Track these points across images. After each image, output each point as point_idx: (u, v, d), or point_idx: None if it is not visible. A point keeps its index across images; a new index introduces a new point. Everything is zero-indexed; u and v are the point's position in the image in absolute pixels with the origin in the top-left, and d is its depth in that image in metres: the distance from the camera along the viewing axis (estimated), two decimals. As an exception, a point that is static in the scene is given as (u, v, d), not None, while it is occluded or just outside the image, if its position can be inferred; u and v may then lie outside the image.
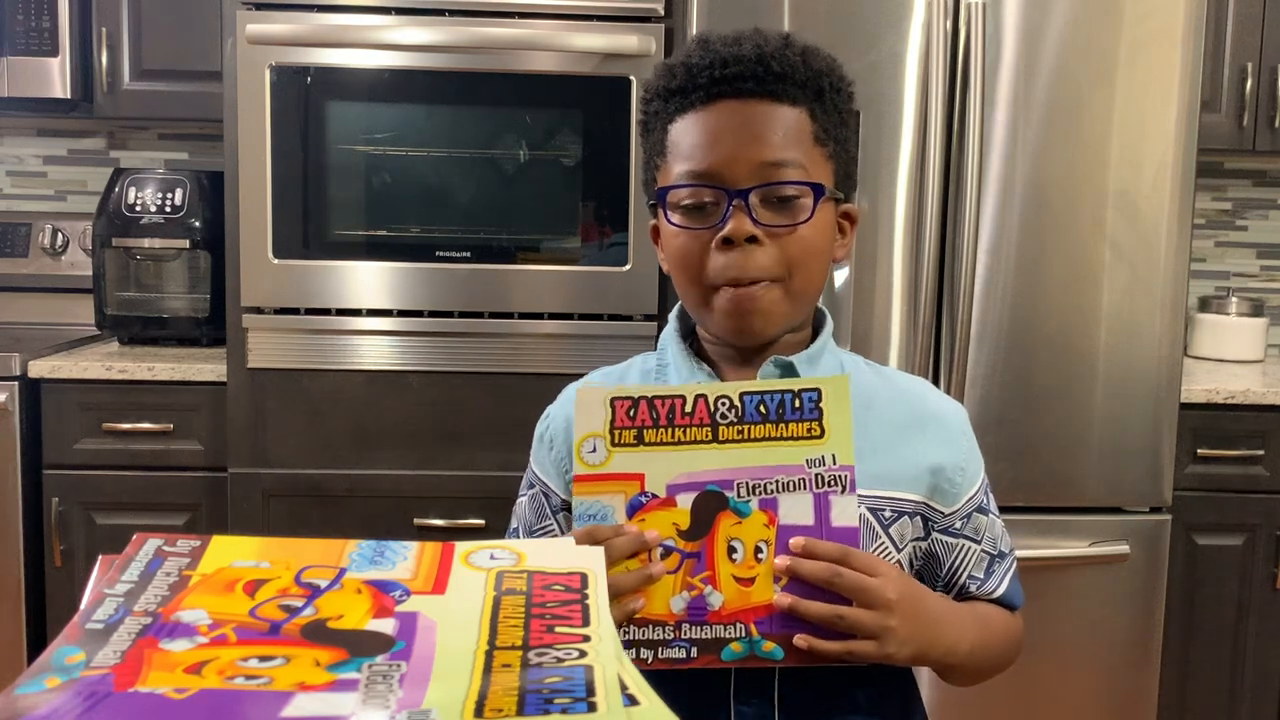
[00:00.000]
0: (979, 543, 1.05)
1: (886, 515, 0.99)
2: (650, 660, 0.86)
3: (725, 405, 0.87)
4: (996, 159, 2.07)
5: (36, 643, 2.27)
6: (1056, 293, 2.10)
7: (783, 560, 0.86)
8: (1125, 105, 2.06)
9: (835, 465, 0.87)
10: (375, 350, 2.20)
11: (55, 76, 2.42)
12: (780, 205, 0.94)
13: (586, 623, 0.61)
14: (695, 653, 0.86)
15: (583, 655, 0.57)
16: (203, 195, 2.42)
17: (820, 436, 0.87)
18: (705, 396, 0.88)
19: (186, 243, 2.42)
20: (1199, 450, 2.29)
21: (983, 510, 1.05)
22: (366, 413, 2.20)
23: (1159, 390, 2.13)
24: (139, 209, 2.41)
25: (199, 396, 2.26)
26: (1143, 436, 2.13)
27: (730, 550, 0.87)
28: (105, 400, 2.25)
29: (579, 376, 1.09)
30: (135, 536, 0.66)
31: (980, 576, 1.05)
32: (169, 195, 2.41)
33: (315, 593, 0.63)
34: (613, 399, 0.88)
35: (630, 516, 0.87)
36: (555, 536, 1.03)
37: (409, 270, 2.19)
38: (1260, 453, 2.30)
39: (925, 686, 1.10)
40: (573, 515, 0.89)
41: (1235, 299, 2.70)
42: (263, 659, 0.56)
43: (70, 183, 2.82)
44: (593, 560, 0.68)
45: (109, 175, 2.48)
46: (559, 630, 0.60)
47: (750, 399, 0.87)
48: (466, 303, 2.20)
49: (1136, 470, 2.14)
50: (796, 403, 0.87)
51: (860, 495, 0.97)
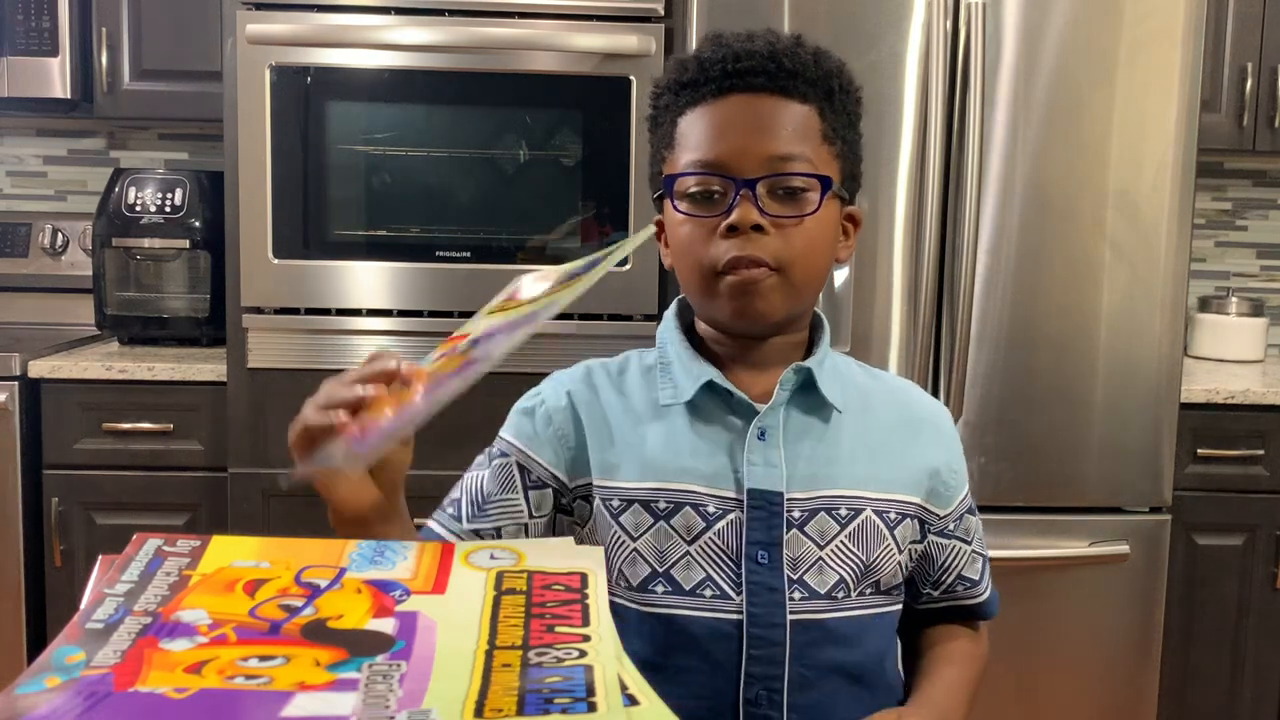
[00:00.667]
0: (970, 544, 1.07)
1: (892, 517, 0.99)
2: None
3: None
4: (996, 159, 2.07)
5: (36, 643, 2.27)
6: (1056, 293, 2.10)
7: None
8: (1125, 105, 2.06)
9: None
10: (375, 350, 2.20)
11: (55, 76, 2.42)
12: (787, 197, 0.94)
13: (586, 622, 0.61)
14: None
15: (583, 655, 0.57)
16: (203, 195, 2.42)
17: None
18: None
19: (186, 243, 2.42)
20: (1199, 450, 2.29)
21: (971, 511, 1.07)
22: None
23: (1159, 390, 2.13)
24: (139, 209, 2.41)
25: (199, 396, 2.26)
26: (1143, 436, 2.13)
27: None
28: (105, 400, 2.25)
29: (579, 376, 1.09)
30: (135, 536, 0.66)
31: (973, 578, 1.07)
32: (169, 195, 2.41)
33: (315, 592, 0.63)
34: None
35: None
36: (515, 512, 1.00)
37: (409, 270, 2.19)
38: (1260, 453, 2.30)
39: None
40: None
41: (1235, 299, 2.70)
42: (263, 659, 0.56)
43: (70, 183, 2.82)
44: (593, 560, 0.68)
45: (109, 175, 2.48)
46: (559, 630, 0.60)
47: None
48: (466, 303, 2.20)
49: (1136, 470, 2.14)
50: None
51: (866, 498, 0.98)
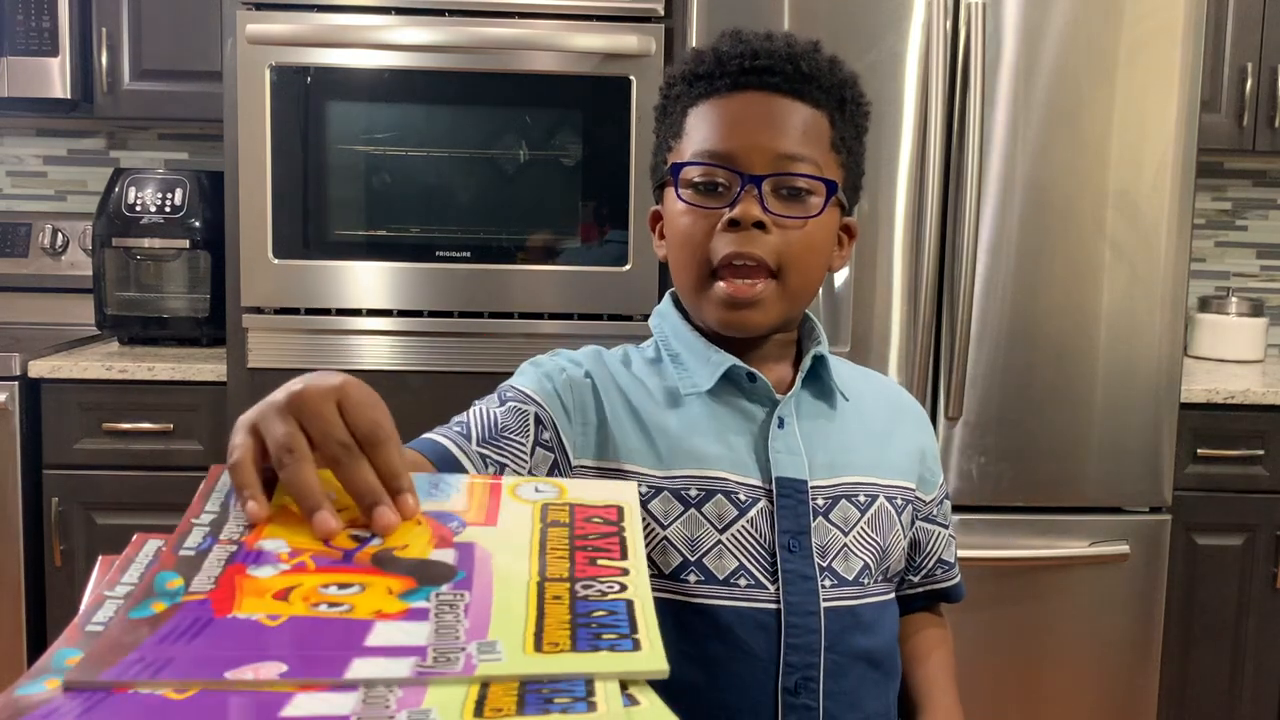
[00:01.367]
0: (946, 527, 1.10)
1: (899, 503, 1.02)
2: None
3: None
4: (996, 159, 2.07)
5: (36, 643, 2.27)
6: (1056, 293, 2.10)
7: None
8: (1125, 105, 2.06)
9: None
10: (375, 350, 2.20)
11: (55, 76, 2.42)
12: (791, 197, 0.94)
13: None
14: None
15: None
16: (203, 195, 2.42)
17: None
18: None
19: (186, 243, 2.42)
20: (1199, 450, 2.29)
21: (946, 496, 1.11)
22: (366, 413, 2.20)
23: (1159, 390, 2.13)
24: (139, 209, 2.41)
25: (199, 396, 2.26)
26: (1143, 436, 2.13)
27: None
28: (105, 400, 2.25)
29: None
30: (135, 537, 0.66)
31: (949, 561, 1.11)
32: (169, 195, 2.41)
33: None
34: None
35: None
36: (520, 458, 0.93)
37: (409, 270, 2.19)
38: (1260, 453, 2.30)
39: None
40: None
41: (1235, 299, 2.70)
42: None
43: (70, 183, 2.82)
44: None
45: (109, 175, 2.48)
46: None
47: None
48: (466, 303, 2.20)
49: (1136, 470, 2.14)
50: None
51: (879, 484, 1.01)
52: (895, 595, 1.06)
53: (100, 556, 0.64)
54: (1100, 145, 2.07)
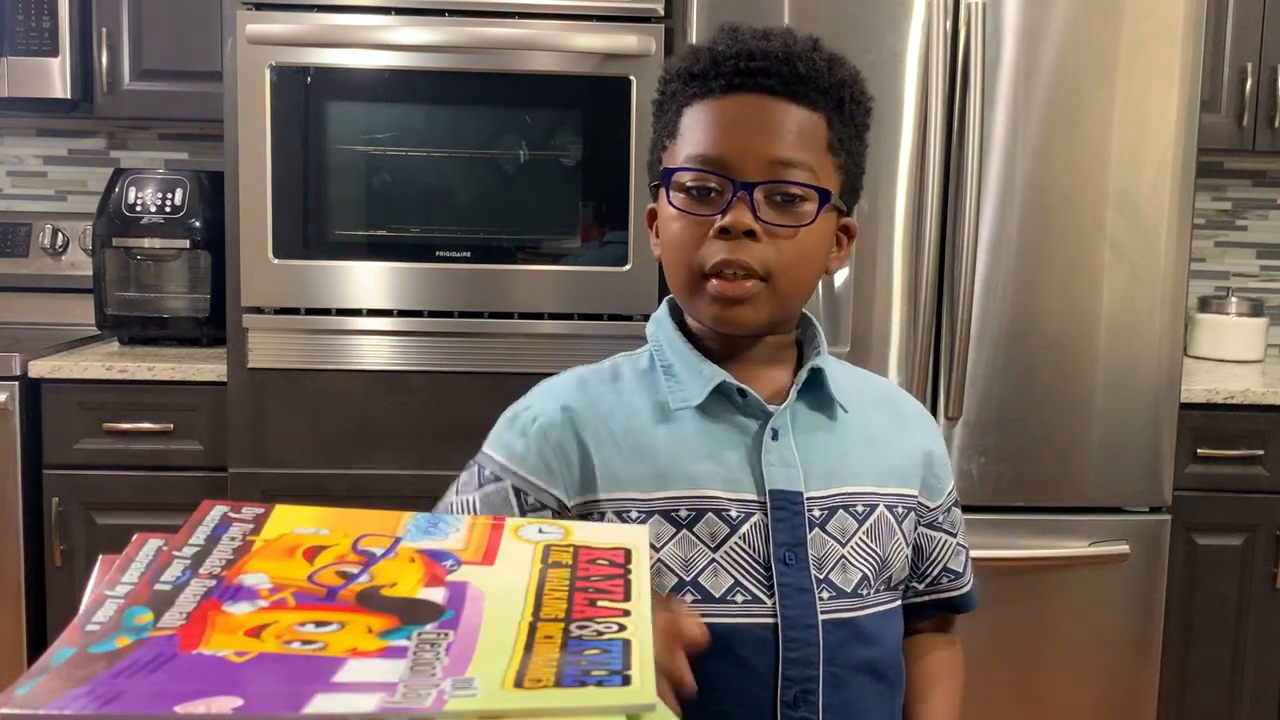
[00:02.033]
0: (955, 535, 1.07)
1: (899, 512, 1.00)
2: None
3: None
4: (996, 159, 2.07)
5: (36, 643, 2.27)
6: (1056, 293, 2.10)
7: None
8: (1125, 105, 2.06)
9: None
10: (375, 350, 2.20)
11: (55, 76, 2.42)
12: (783, 205, 0.92)
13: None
14: None
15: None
16: (203, 195, 2.42)
17: None
18: None
19: (186, 243, 2.42)
20: (1199, 450, 2.29)
21: (956, 503, 1.09)
22: (366, 413, 2.20)
23: (1159, 390, 2.13)
24: (139, 209, 2.41)
25: (199, 396, 2.26)
26: (1143, 436, 2.13)
27: None
28: (105, 400, 2.25)
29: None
30: (135, 536, 0.66)
31: (957, 570, 1.07)
32: (169, 195, 2.41)
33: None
34: None
35: None
36: None
37: (409, 270, 2.19)
38: (1260, 453, 2.30)
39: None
40: None
41: (1235, 299, 2.70)
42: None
43: (70, 183, 2.82)
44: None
45: (109, 175, 2.48)
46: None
47: None
48: (466, 303, 2.20)
49: (1136, 470, 2.14)
50: None
51: (878, 494, 0.99)
52: (902, 604, 1.05)
53: (100, 556, 0.64)
54: (1100, 145, 2.07)
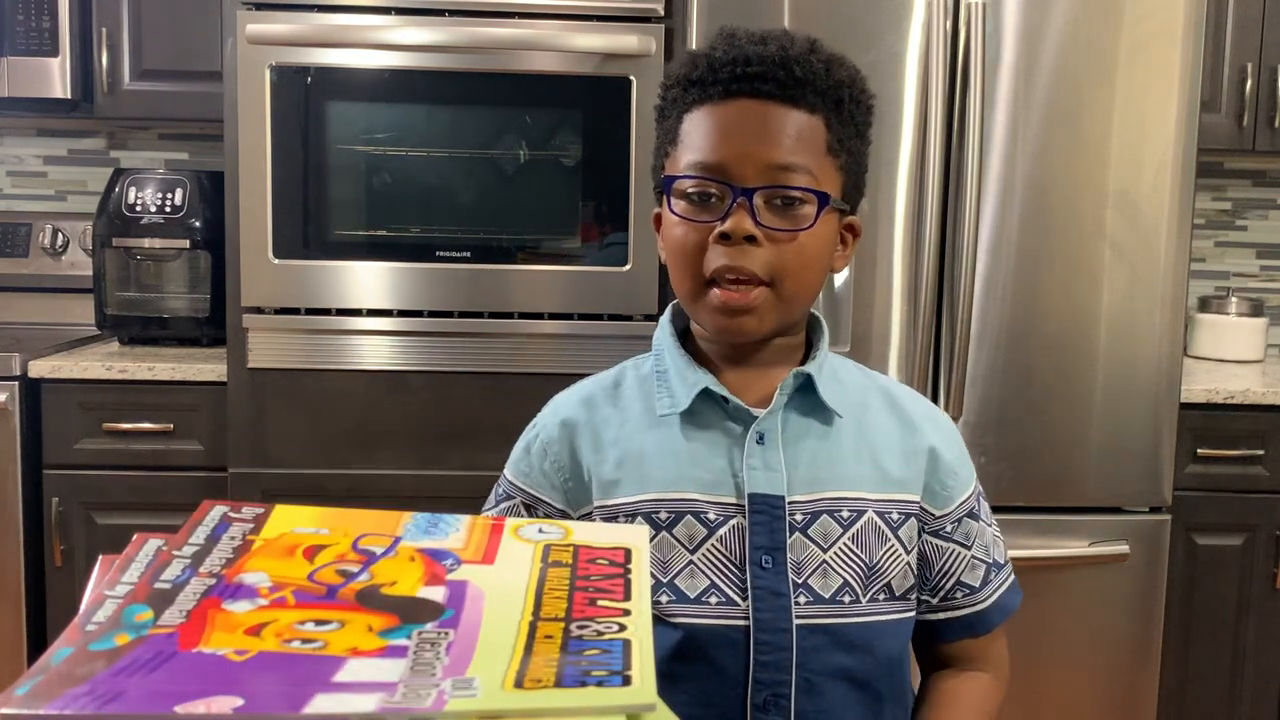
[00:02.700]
0: (969, 548, 1.04)
1: (894, 518, 0.98)
2: None
3: None
4: (996, 159, 2.07)
5: (36, 643, 2.27)
6: (1056, 293, 2.10)
7: None
8: (1125, 105, 2.06)
9: None
10: (375, 350, 2.20)
11: (55, 76, 2.42)
12: (783, 209, 0.92)
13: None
14: None
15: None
16: (203, 195, 2.42)
17: None
18: None
19: (186, 243, 2.42)
20: (1199, 450, 2.29)
21: (973, 516, 1.04)
22: (366, 413, 2.20)
23: (1159, 390, 2.13)
24: (139, 209, 2.41)
25: (199, 396, 2.26)
26: (1143, 436, 2.13)
27: None
28: (105, 400, 2.25)
29: (579, 377, 1.09)
30: (135, 536, 0.66)
31: (972, 585, 1.04)
32: (169, 195, 2.41)
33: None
34: None
35: None
36: None
37: (409, 270, 2.19)
38: (1260, 453, 2.30)
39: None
40: None
41: (1235, 299, 2.70)
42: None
43: (70, 183, 2.82)
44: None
45: (109, 175, 2.48)
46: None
47: None
48: (466, 303, 2.20)
49: (1136, 470, 2.14)
50: None
51: (868, 499, 0.97)
52: (918, 618, 1.03)
53: (100, 556, 0.64)
54: (1100, 145, 2.07)
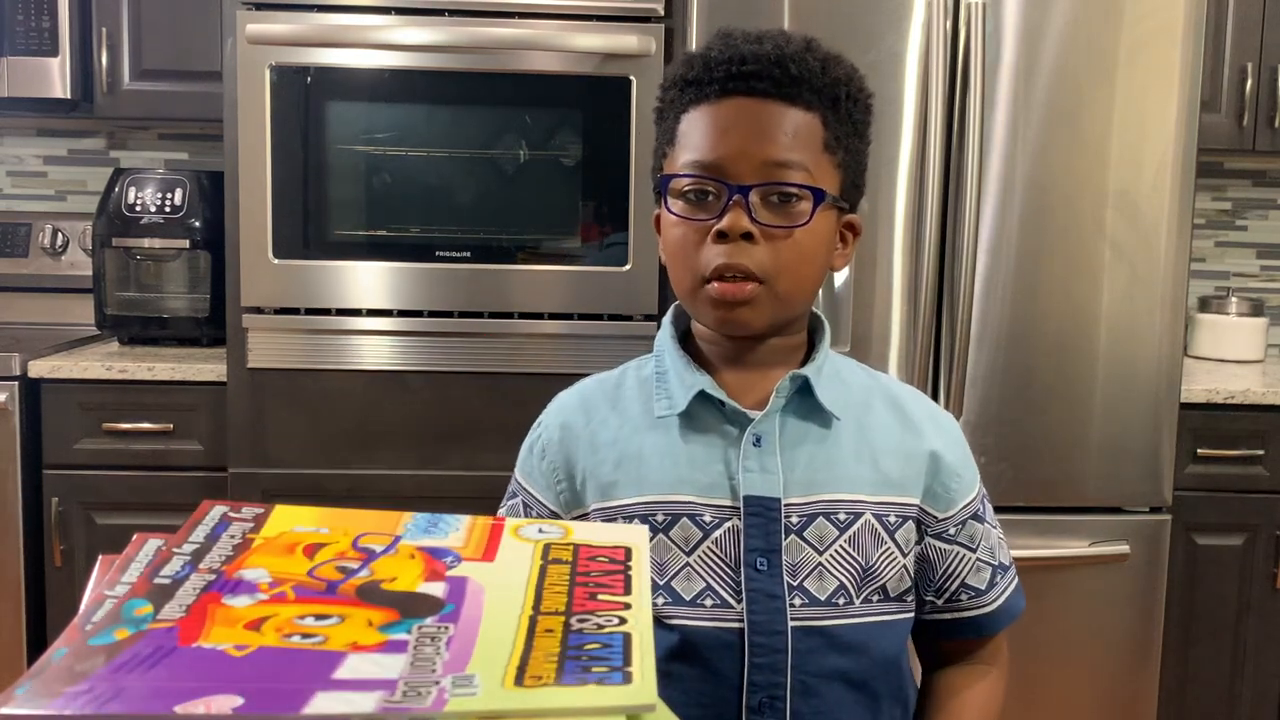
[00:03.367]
0: (974, 551, 1.03)
1: (892, 521, 0.98)
2: None
3: None
4: (996, 159, 2.07)
5: (36, 643, 2.27)
6: (1056, 293, 2.10)
7: None
8: (1125, 105, 2.06)
9: None
10: (375, 350, 2.20)
11: (55, 76, 2.42)
12: (780, 206, 0.93)
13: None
14: None
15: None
16: (203, 195, 2.42)
17: None
18: None
19: (186, 243, 2.42)
20: (1199, 450, 2.29)
21: (978, 518, 1.04)
22: (366, 413, 2.20)
23: (1159, 390, 2.13)
24: (139, 209, 2.41)
25: (199, 396, 2.26)
26: (1143, 436, 2.13)
27: None
28: (105, 400, 2.25)
29: (579, 376, 1.09)
30: (135, 536, 0.66)
31: (979, 588, 1.04)
32: (169, 195, 2.41)
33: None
34: None
35: None
36: None
37: (409, 270, 2.19)
38: (1260, 453, 2.30)
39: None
40: None
41: (1235, 299, 2.70)
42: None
43: (70, 183, 2.82)
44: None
45: (109, 175, 2.48)
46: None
47: None
48: (466, 303, 2.20)
49: (1136, 470, 2.14)
50: None
51: (866, 502, 0.97)
52: (923, 618, 1.03)
53: (100, 556, 0.64)
54: (1100, 145, 2.07)
